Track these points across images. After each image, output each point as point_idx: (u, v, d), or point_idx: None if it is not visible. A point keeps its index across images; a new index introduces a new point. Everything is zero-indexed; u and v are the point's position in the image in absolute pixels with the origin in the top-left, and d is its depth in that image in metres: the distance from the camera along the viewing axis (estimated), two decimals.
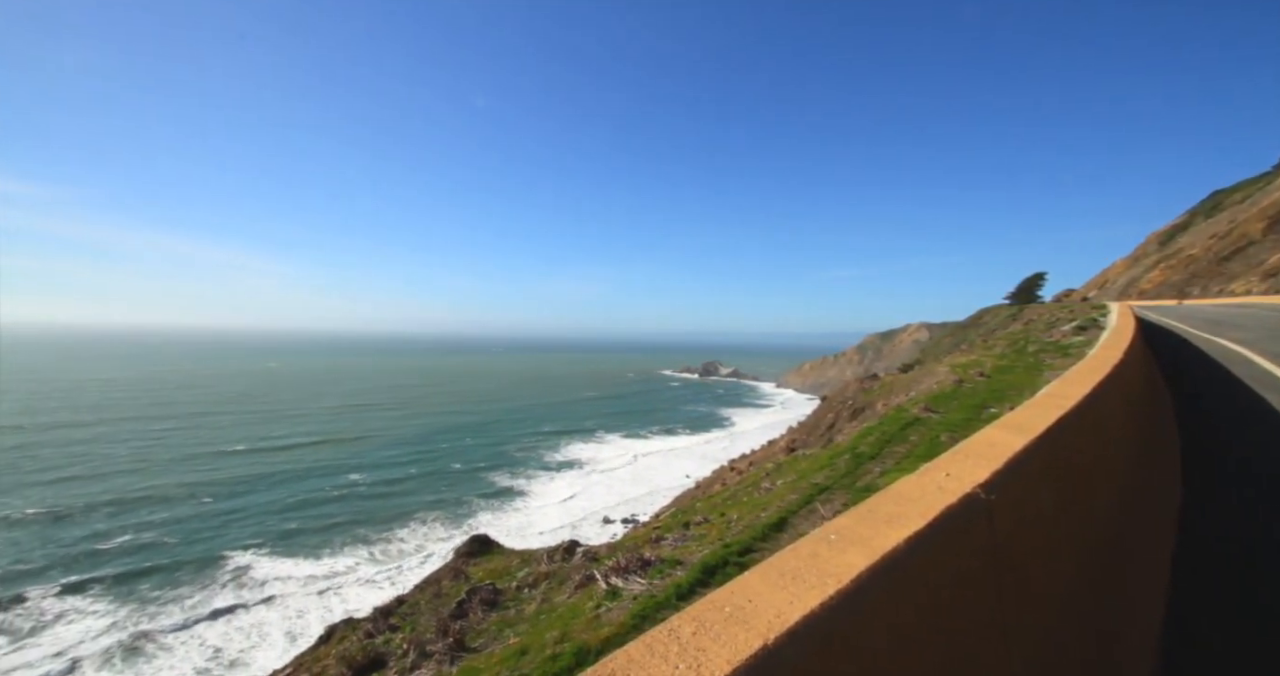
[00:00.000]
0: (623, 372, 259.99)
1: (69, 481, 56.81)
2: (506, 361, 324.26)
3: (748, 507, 12.62)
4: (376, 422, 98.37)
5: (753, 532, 9.14)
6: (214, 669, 29.42)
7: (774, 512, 10.50)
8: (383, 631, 9.87)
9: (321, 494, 56.75)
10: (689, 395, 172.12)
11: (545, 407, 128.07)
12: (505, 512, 55.86)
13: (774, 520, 9.76)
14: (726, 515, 12.64)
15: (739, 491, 17.05)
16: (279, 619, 34.36)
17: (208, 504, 52.20)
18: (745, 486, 17.59)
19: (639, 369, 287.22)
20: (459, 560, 14.29)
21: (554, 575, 10.91)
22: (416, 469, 68.17)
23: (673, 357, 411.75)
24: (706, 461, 78.47)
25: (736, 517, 11.76)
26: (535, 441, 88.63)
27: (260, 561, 41.38)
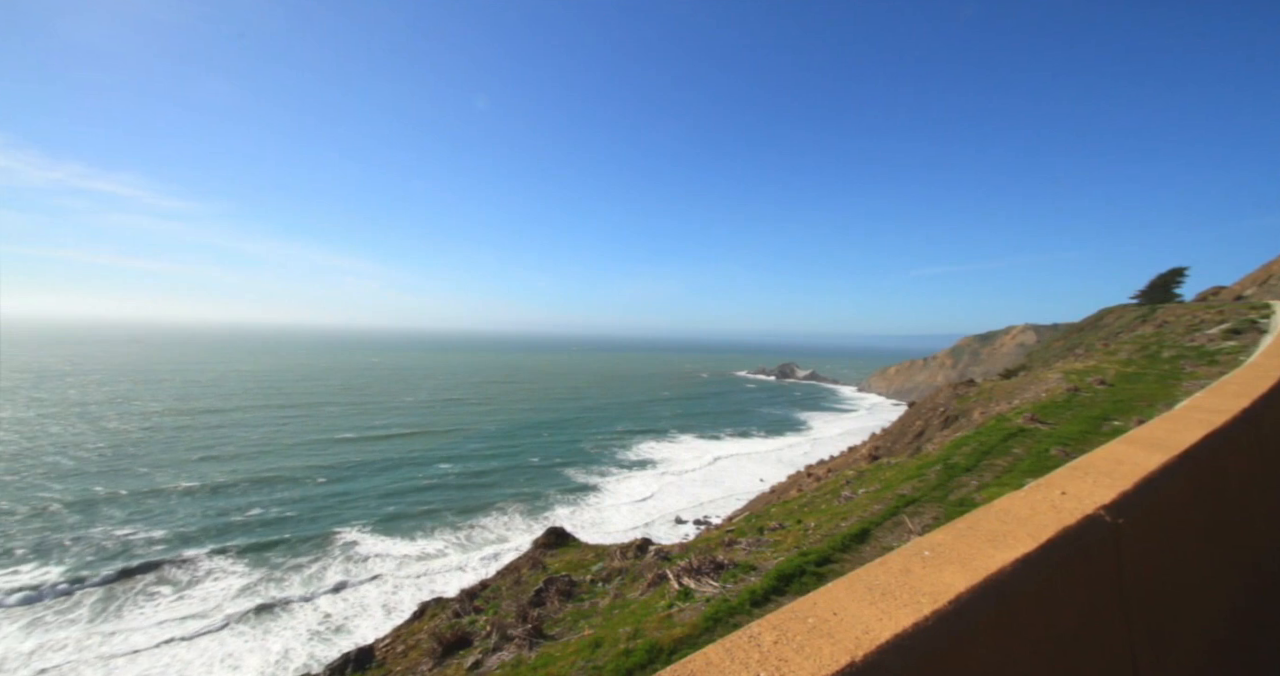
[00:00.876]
0: (696, 373, 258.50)
1: (213, 460, 65.83)
2: (583, 360, 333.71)
3: (826, 516, 12.08)
4: (463, 417, 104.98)
5: (831, 542, 8.75)
6: (324, 631, 32.85)
7: (855, 523, 9.98)
8: (468, 612, 10.51)
9: (416, 482, 61.46)
10: (764, 397, 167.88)
11: (620, 406, 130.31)
12: (580, 507, 57.45)
13: (855, 530, 9.28)
14: (803, 522, 12.19)
15: (816, 498, 16.37)
16: (378, 593, 37.68)
17: (322, 485, 58.30)
18: (823, 493, 16.87)
19: (713, 369, 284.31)
20: (537, 550, 14.90)
21: (627, 571, 11.07)
22: (499, 462, 71.91)
23: (747, 359, 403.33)
24: (782, 466, 76.05)
25: (814, 525, 11.31)
26: (610, 439, 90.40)
27: (365, 539, 45.60)
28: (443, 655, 8.24)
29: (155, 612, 33.68)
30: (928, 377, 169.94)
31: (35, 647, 29.79)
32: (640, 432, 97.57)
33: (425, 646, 8.95)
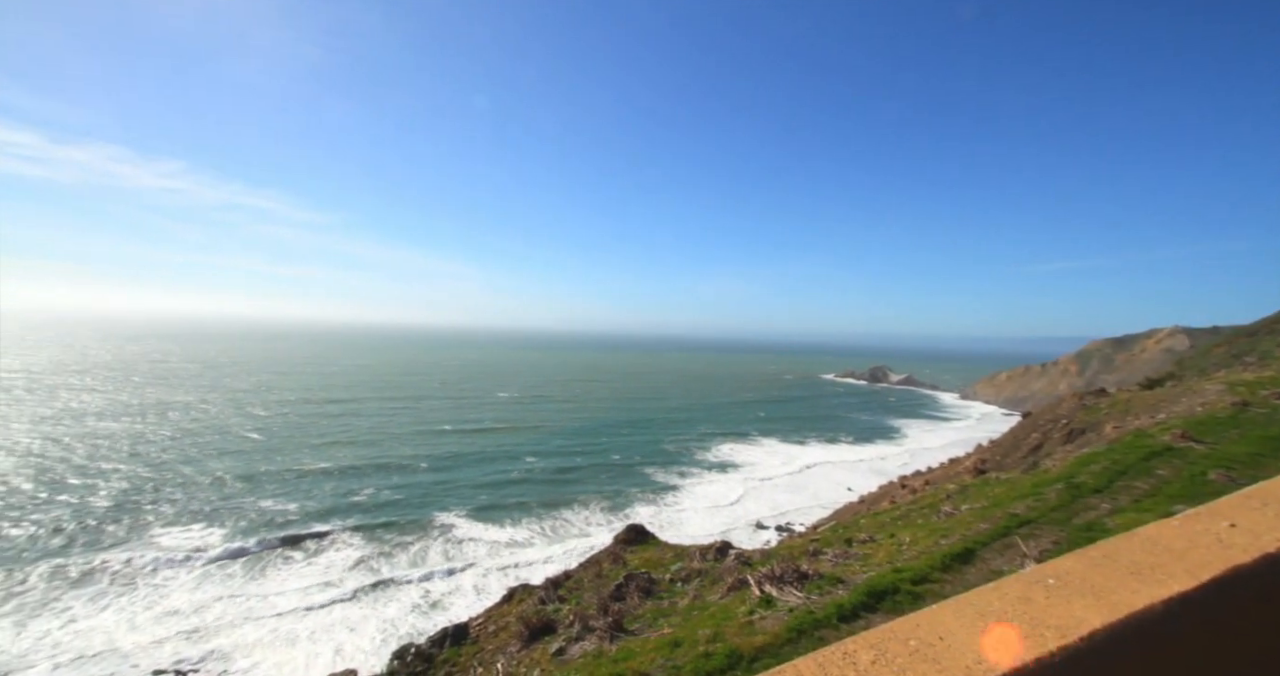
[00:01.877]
0: (780, 375, 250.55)
1: (336, 445, 74.08)
2: (664, 359, 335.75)
3: (923, 531, 11.20)
4: (549, 413, 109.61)
5: (929, 560, 8.09)
6: (423, 605, 35.82)
7: (958, 541, 9.16)
8: (553, 600, 10.96)
9: (506, 474, 65.09)
10: (854, 402, 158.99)
11: (701, 407, 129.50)
12: (659, 506, 57.79)
13: (958, 549, 8.51)
14: (897, 536, 11.39)
15: (912, 512, 15.23)
16: (470, 574, 40.40)
17: (425, 473, 63.51)
18: (920, 507, 15.65)
19: (797, 371, 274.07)
20: (618, 546, 15.20)
21: (706, 573, 10.98)
22: (582, 459, 74.24)
23: (833, 361, 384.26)
24: (872, 475, 71.61)
25: (909, 541, 10.52)
26: (691, 440, 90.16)
27: (461, 523, 49.10)
28: (529, 639, 8.66)
29: (290, 577, 38.54)
30: (1046, 385, 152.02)
31: (201, 602, 35.24)
32: (721, 434, 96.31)
33: (514, 629, 9.45)
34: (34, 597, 34.01)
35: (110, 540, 42.16)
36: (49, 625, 31.51)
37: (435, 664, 8.96)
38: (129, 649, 29.79)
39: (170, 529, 44.64)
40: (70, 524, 44.36)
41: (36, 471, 56.27)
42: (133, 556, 39.62)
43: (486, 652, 9.17)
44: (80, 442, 68.17)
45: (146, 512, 47.69)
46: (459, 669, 8.66)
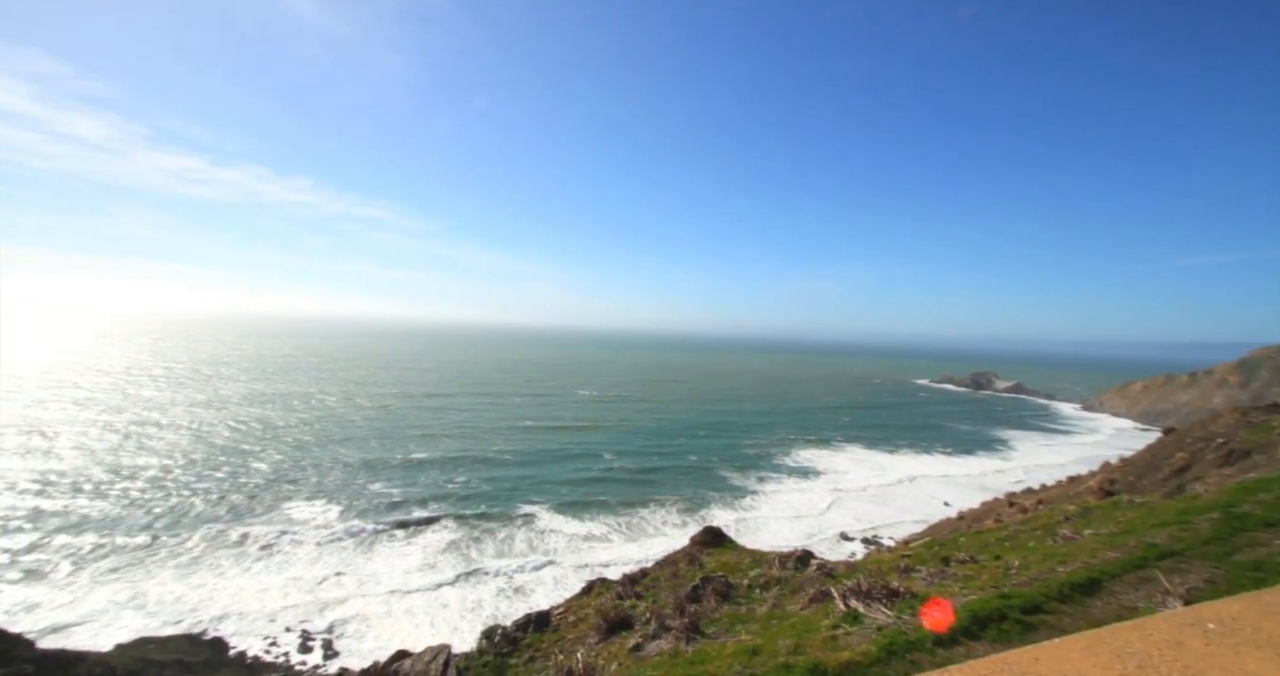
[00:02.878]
0: (867, 379, 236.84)
1: (431, 437, 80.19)
2: (741, 360, 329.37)
3: (1036, 555, 10.07)
4: (628, 413, 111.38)
5: (1044, 588, 7.26)
6: (507, 590, 37.81)
7: (1080, 569, 8.14)
8: (630, 596, 11.13)
9: (586, 471, 66.95)
10: (952, 410, 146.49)
11: (781, 411, 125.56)
12: (736, 510, 56.74)
13: (1079, 579, 7.57)
14: (1003, 559, 10.34)
15: (1021, 533, 13.76)
16: (551, 565, 42.05)
17: (511, 467, 66.83)
18: (1032, 528, 14.10)
19: (887, 375, 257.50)
20: (694, 547, 15.12)
21: (786, 582, 10.62)
22: (659, 459, 74.66)
23: (928, 365, 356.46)
24: (973, 490, 65.69)
25: (1018, 564, 9.51)
26: (770, 444, 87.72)
27: (543, 516, 51.26)
28: (607, 632, 8.85)
29: (393, 556, 42.27)
30: (1196, 398, 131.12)
31: (320, 572, 39.63)
32: (802, 440, 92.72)
33: (592, 621, 9.71)
34: (195, 554, 40.07)
35: (251, 511, 48.64)
36: (205, 578, 36.95)
37: (520, 647, 9.41)
38: (265, 606, 34.22)
39: (297, 503, 50.68)
40: (218, 495, 51.76)
41: (191, 449, 66.27)
42: (268, 526, 45.46)
43: (567, 641, 9.48)
44: (223, 426, 79.30)
45: (277, 488, 54.48)
46: (541, 654, 9.04)
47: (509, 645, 9.76)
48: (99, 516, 45.12)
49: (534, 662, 8.91)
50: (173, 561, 38.88)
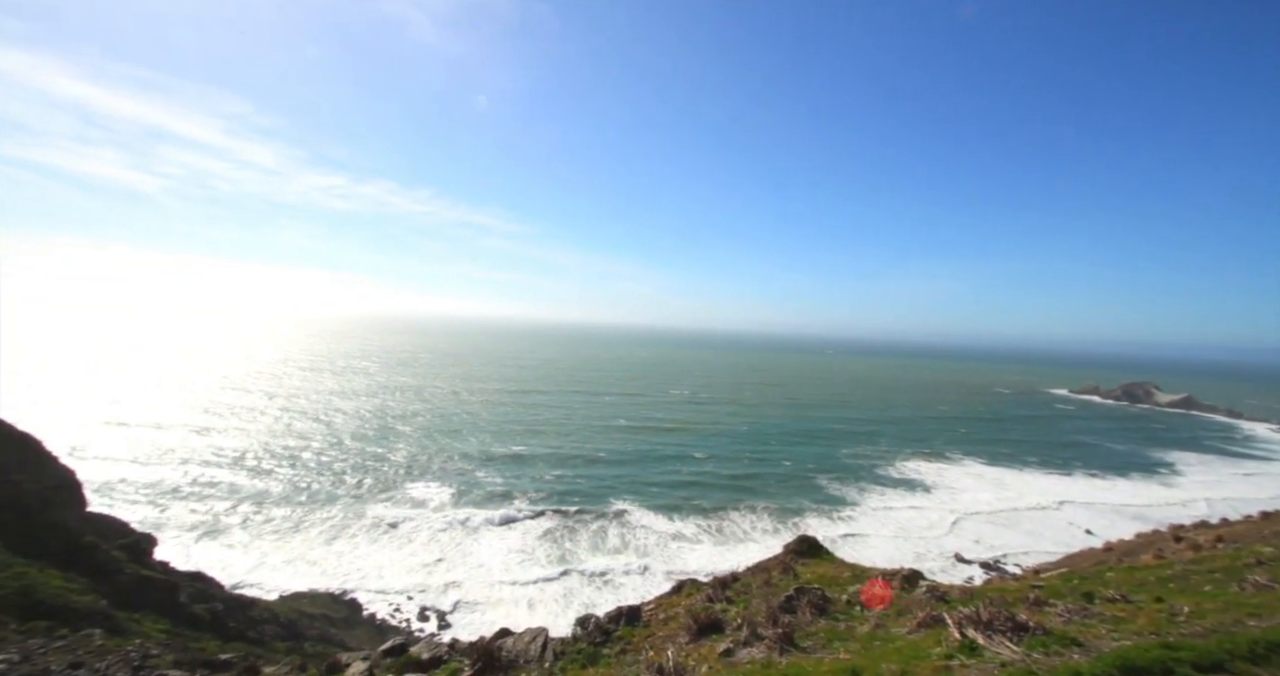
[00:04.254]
0: (990, 387, 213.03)
1: (527, 432, 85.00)
2: (841, 363, 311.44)
3: (1214, 602, 8.43)
4: (719, 414, 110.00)
5: (1227, 643, 6.03)
6: (598, 582, 38.98)
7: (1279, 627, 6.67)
8: (720, 600, 10.96)
9: (677, 472, 67.07)
10: (1098, 426, 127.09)
11: (887, 419, 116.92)
12: (833, 521, 53.77)
13: (1278, 638, 6.19)
14: (1166, 602, 8.78)
15: (1193, 573, 11.59)
16: (640, 560, 42.66)
17: (604, 466, 68.66)
18: (1207, 570, 11.84)
19: (1015, 384, 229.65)
20: (788, 556, 14.54)
21: (891, 601, 9.85)
22: (751, 462, 72.86)
23: (1066, 373, 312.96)
24: (1124, 519, 56.76)
25: (1189, 611, 8.02)
26: (873, 454, 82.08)
27: (634, 512, 52.24)
28: (698, 634, 8.79)
29: (496, 540, 45.35)
30: None
31: (435, 551, 43.58)
32: (910, 451, 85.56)
33: (682, 621, 9.69)
34: (335, 525, 45.95)
35: (378, 490, 54.78)
36: (343, 547, 42.23)
37: (612, 638, 9.63)
38: (390, 577, 38.38)
39: (415, 485, 56.25)
40: (352, 475, 58.89)
41: (327, 433, 75.98)
42: (393, 505, 50.96)
43: (657, 638, 9.55)
44: (353, 413, 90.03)
45: (398, 471, 60.84)
46: (632, 647, 9.18)
47: (601, 635, 10.02)
48: (259, 489, 53.38)
49: (625, 655, 9.07)
50: (317, 530, 44.91)
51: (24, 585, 13.34)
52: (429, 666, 8.75)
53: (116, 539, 20.42)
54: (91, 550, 17.49)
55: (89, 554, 17.28)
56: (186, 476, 54.01)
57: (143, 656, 10.04)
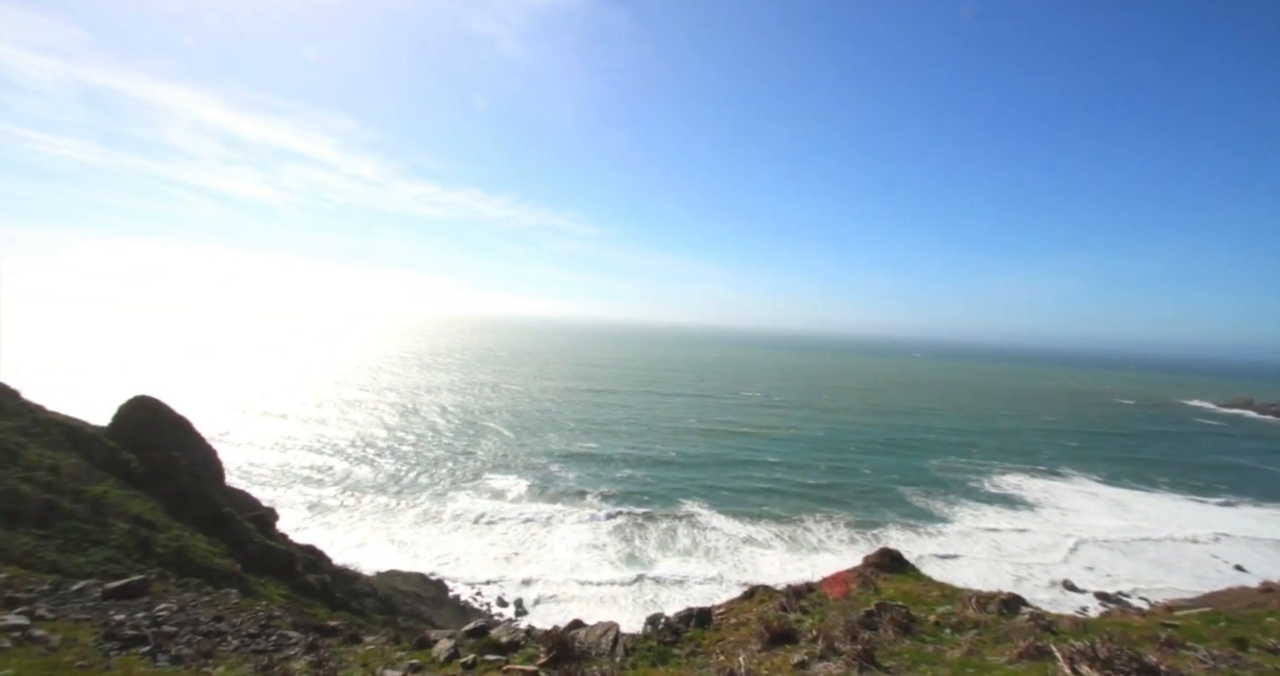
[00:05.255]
0: (1110, 396, 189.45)
1: (598, 430, 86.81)
2: (930, 368, 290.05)
3: None
4: (794, 419, 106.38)
5: None
6: (666, 580, 38.98)
7: None
8: (794, 609, 10.59)
9: (748, 477, 65.66)
10: (1256, 446, 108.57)
11: (984, 430, 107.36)
12: (918, 535, 50.23)
13: None
14: None
15: None
16: (708, 562, 42.20)
17: (673, 467, 68.63)
18: None
19: (1142, 394, 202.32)
20: (868, 569, 13.78)
21: (986, 627, 9.06)
22: (828, 469, 69.78)
23: (1212, 383, 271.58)
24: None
25: None
26: (966, 467, 75.76)
27: (704, 514, 51.80)
28: (770, 642, 8.55)
29: (569, 533, 46.76)
30: None
31: (514, 539, 45.68)
32: (1010, 465, 78.00)
33: (754, 628, 9.48)
34: (424, 510, 49.55)
35: (462, 479, 58.36)
36: (431, 531, 45.42)
37: (682, 639, 9.62)
38: (472, 562, 40.76)
39: (494, 476, 59.35)
40: (437, 465, 63.17)
41: (414, 425, 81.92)
42: (475, 494, 54.08)
43: (727, 643, 9.41)
44: (435, 407, 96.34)
45: (479, 463, 64.42)
46: (703, 650, 9.11)
47: (671, 635, 10.03)
48: (358, 475, 58.71)
49: (695, 657, 9.01)
50: (408, 514, 48.64)
51: (180, 546, 15.58)
52: (507, 649, 9.19)
53: (248, 511, 23.29)
54: (229, 520, 20.08)
55: (226, 523, 19.86)
56: (299, 461, 60.64)
57: (268, 616, 11.38)
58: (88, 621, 8.68)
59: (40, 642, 7.44)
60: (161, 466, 20.16)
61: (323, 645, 9.68)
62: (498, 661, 8.66)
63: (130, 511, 16.04)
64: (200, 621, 9.95)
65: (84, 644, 7.69)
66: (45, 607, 8.86)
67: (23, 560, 11.62)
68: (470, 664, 8.57)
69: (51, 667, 6.68)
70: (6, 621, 7.78)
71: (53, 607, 8.95)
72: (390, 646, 10.17)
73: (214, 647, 8.77)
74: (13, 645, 7.15)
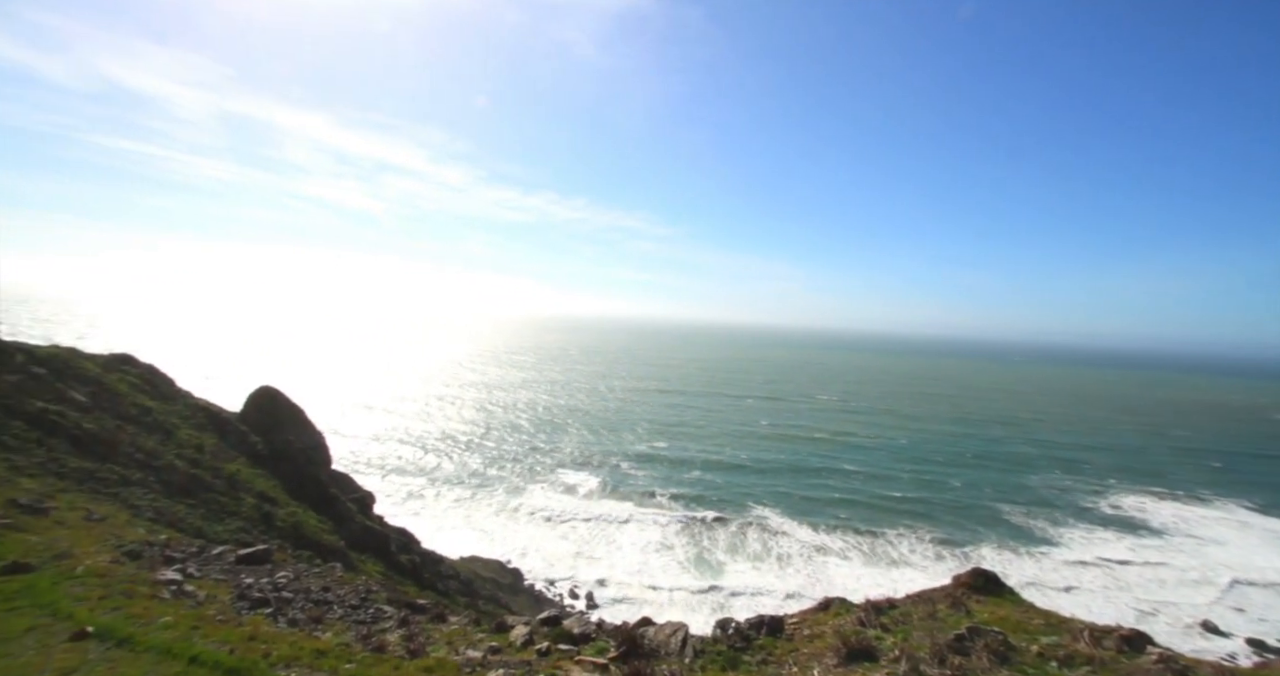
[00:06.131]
0: (1265, 410, 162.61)
1: (666, 431, 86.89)
2: (1032, 374, 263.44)
3: None
4: (874, 425, 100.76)
5: None
6: (736, 586, 38.26)
7: None
8: (873, 626, 10.04)
9: (822, 484, 62.94)
10: None
11: (1100, 446, 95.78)
12: (1018, 556, 45.84)
13: None
14: None
15: None
16: (777, 568, 40.95)
17: (743, 471, 67.04)
18: None
19: None
20: (958, 588, 12.75)
21: (1102, 665, 8.10)
22: (910, 479, 65.45)
23: None
24: None
25: None
26: (1073, 483, 68.19)
27: (774, 518, 50.43)
28: (847, 658, 8.16)
29: (636, 531, 47.29)
30: None
31: (587, 534, 46.88)
32: (1130, 485, 69.14)
33: (829, 641, 9.09)
34: (501, 501, 52.11)
35: (535, 473, 60.77)
36: (507, 521, 47.65)
37: (752, 646, 9.42)
38: (546, 554, 42.34)
39: (566, 472, 61.27)
40: (512, 458, 66.16)
41: (488, 420, 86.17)
42: (549, 487, 56.13)
43: (801, 655, 9.10)
44: (509, 403, 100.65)
45: (551, 458, 66.74)
46: (774, 659, 8.88)
47: (741, 640, 9.85)
48: (440, 465, 62.83)
49: (766, 666, 8.80)
50: (487, 504, 51.40)
51: (296, 521, 17.48)
52: (579, 640, 9.46)
53: (349, 493, 25.66)
54: (334, 500, 22.23)
55: (332, 503, 22.00)
56: (391, 451, 66.03)
57: (366, 591, 12.47)
58: (224, 582, 9.96)
59: (190, 597, 8.65)
60: (281, 449, 22.71)
61: (413, 621, 10.46)
62: (570, 651, 8.94)
63: (256, 488, 18.22)
64: (311, 590, 11.10)
65: (222, 601, 8.85)
66: (194, 567, 10.28)
67: (177, 525, 13.55)
68: (544, 651, 8.91)
69: (199, 619, 7.74)
70: (166, 576, 9.12)
71: (199, 568, 10.37)
72: (472, 628, 10.79)
73: (322, 615, 9.75)
74: (170, 597, 8.37)
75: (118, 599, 7.89)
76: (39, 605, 7.30)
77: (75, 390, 17.10)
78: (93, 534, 10.81)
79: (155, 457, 16.01)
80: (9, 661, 6.00)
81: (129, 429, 16.94)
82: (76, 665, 6.03)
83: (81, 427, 15.16)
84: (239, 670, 6.34)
